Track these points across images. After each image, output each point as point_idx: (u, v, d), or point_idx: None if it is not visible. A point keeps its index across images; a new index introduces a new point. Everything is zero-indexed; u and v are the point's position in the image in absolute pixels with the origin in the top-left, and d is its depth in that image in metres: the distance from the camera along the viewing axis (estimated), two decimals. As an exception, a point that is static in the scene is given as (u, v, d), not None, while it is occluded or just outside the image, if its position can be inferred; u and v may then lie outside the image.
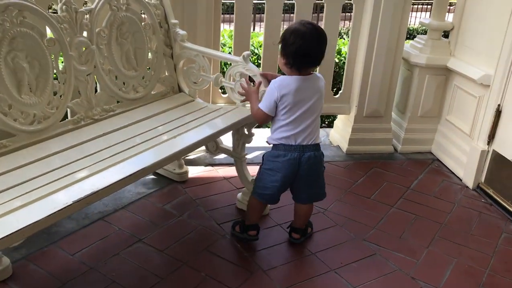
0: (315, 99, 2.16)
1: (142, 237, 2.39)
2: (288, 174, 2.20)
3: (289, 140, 2.16)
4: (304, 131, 2.16)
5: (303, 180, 2.23)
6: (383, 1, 3.07)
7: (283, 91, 2.12)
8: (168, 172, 2.91)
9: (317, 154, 2.21)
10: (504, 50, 2.80)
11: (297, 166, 2.18)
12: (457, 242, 2.54)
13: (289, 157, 2.16)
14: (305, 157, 2.17)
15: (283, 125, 2.17)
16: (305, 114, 2.15)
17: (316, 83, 2.19)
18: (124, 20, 2.40)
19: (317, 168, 2.24)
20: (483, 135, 3.00)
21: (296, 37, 2.06)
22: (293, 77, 2.14)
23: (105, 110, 2.35)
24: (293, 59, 2.10)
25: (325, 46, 2.14)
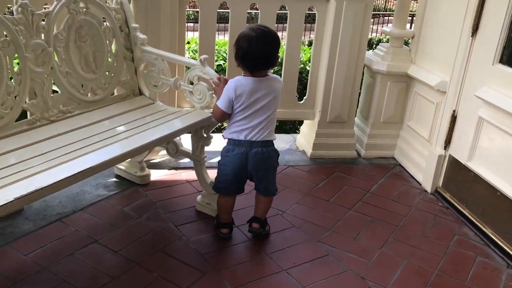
0: (269, 99, 2.27)
1: (98, 238, 2.41)
2: (236, 167, 2.32)
3: (239, 135, 2.29)
4: (254, 128, 2.27)
5: (252, 173, 2.35)
6: (344, 11, 3.14)
7: (238, 91, 2.24)
8: (130, 175, 2.93)
9: (265, 150, 2.30)
10: (458, 57, 2.89)
11: (244, 160, 2.30)
12: (410, 244, 2.60)
13: (237, 151, 2.30)
14: (252, 152, 2.28)
15: (236, 121, 2.29)
16: (258, 112, 2.27)
17: (271, 84, 2.29)
18: (83, 23, 2.43)
19: (265, 163, 2.33)
20: (440, 140, 3.08)
21: (244, 41, 2.19)
22: (249, 78, 2.26)
23: (62, 111, 2.38)
24: (242, 62, 2.20)
25: (274, 48, 2.23)
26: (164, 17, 2.95)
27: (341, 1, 3.13)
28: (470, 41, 2.79)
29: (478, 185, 2.76)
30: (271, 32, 2.24)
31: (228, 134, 2.34)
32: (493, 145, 2.64)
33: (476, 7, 2.72)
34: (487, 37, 2.67)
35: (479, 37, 2.74)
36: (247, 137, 2.28)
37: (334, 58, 3.27)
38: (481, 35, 2.73)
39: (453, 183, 3.00)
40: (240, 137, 2.28)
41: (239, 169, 2.33)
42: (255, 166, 2.31)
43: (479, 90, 2.71)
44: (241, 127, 2.28)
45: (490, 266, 2.47)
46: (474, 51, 2.78)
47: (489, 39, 2.65)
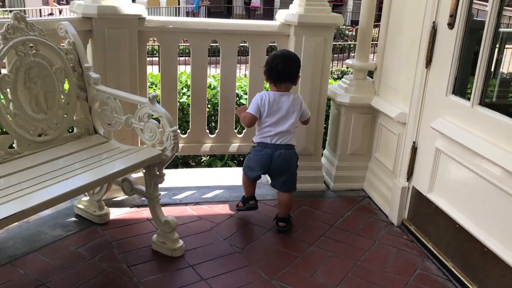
0: (290, 109, 2.85)
1: (46, 281, 2.36)
2: (263, 164, 2.89)
3: (266, 140, 2.86)
4: (277, 134, 2.84)
5: (275, 171, 2.90)
6: (304, 45, 3.18)
7: (263, 99, 2.85)
8: (89, 214, 2.90)
9: (287, 152, 2.87)
10: (415, 88, 2.89)
11: (269, 160, 2.85)
12: (369, 280, 2.53)
13: (264, 152, 2.87)
14: (277, 153, 2.84)
15: (264, 127, 2.86)
16: (281, 120, 2.84)
17: (291, 98, 2.87)
18: (32, 64, 2.45)
19: (286, 162, 2.88)
20: (403, 172, 3.05)
21: (270, 58, 2.86)
22: (271, 92, 2.87)
23: (10, 153, 2.37)
24: (268, 74, 2.86)
25: (292, 64, 2.84)
26: (123, 55, 2.98)
27: (300, 36, 3.16)
28: (425, 73, 2.79)
29: (439, 217, 2.71)
30: (292, 53, 2.90)
31: (258, 139, 2.91)
32: (449, 176, 2.61)
33: (428, 40, 2.73)
34: (440, 68, 2.68)
35: (433, 69, 2.74)
36: (273, 141, 2.84)
37: (296, 92, 3.27)
38: (435, 67, 2.73)
39: (417, 215, 2.95)
40: (267, 140, 2.85)
41: (263, 166, 2.89)
42: (279, 164, 2.85)
43: (434, 121, 2.69)
44: (267, 134, 2.85)
45: (449, 302, 2.41)
46: (429, 83, 2.78)
47: (442, 71, 2.65)
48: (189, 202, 3.24)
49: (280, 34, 3.25)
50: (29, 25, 2.45)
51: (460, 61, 2.56)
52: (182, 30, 3.14)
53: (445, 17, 2.60)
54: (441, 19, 2.66)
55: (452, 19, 2.54)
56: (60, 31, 2.68)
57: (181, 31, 3.14)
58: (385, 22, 3.31)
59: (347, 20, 23.00)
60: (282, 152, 2.84)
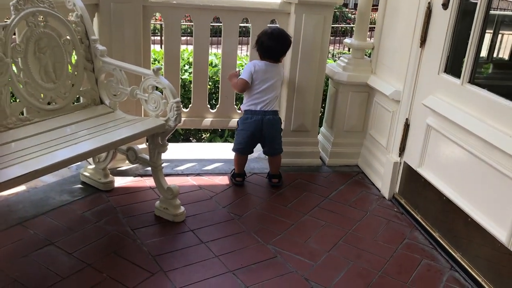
0: (276, 79, 3.13)
1: (55, 240, 2.51)
2: (253, 131, 3.12)
3: (256, 107, 3.10)
4: (265, 101, 3.10)
5: (267, 136, 3.15)
6: (304, 23, 3.27)
7: (256, 67, 3.09)
8: (94, 181, 3.04)
9: (274, 117, 3.16)
10: (409, 67, 3.00)
11: (260, 125, 3.10)
12: (359, 247, 2.68)
13: (254, 118, 3.11)
14: (266, 119, 3.10)
15: (253, 95, 3.10)
16: (268, 89, 3.10)
17: (278, 69, 3.16)
18: (42, 35, 2.55)
19: (275, 127, 3.18)
20: (396, 148, 3.17)
21: (263, 35, 3.10)
22: (262, 61, 3.13)
23: (21, 119, 2.49)
24: (260, 50, 3.12)
25: (283, 43, 3.11)
26: (128, 28, 3.08)
27: (300, 14, 3.26)
28: (419, 52, 2.90)
29: (428, 190, 2.85)
30: (282, 33, 3.13)
31: (246, 106, 3.13)
32: (439, 151, 2.74)
33: (423, 20, 2.83)
34: (433, 48, 2.78)
35: (427, 48, 2.85)
36: (262, 108, 3.09)
37: (295, 69, 3.39)
38: (428, 46, 2.84)
39: (408, 189, 3.09)
40: (256, 108, 3.10)
41: (255, 132, 3.12)
42: (269, 130, 3.13)
43: (426, 99, 2.81)
44: (257, 100, 3.10)
45: (434, 268, 2.55)
46: (423, 62, 2.89)
47: (435, 50, 2.76)
48: (190, 173, 3.38)
49: (281, 12, 3.35)
50: (39, -3, 2.55)
51: (452, 41, 2.67)
52: (186, 6, 3.23)
53: (439, -2, 2.70)
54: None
55: (447, 0, 2.64)
56: (68, 4, 2.78)
57: (184, 6, 3.23)
58: (383, 4, 3.40)
59: (351, 3, 22.89)
60: (270, 117, 3.11)
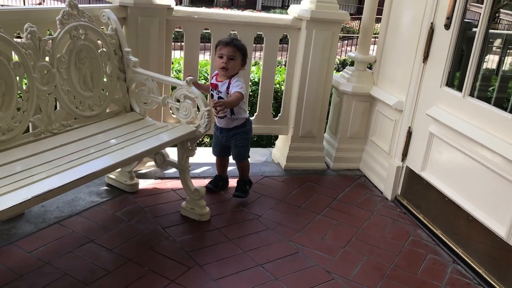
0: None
1: (94, 238, 2.70)
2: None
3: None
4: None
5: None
6: (314, 38, 3.54)
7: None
8: (120, 183, 3.23)
9: None
10: (412, 80, 3.30)
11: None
12: (370, 243, 2.96)
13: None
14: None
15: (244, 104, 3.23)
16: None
17: None
18: (82, 47, 2.75)
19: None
20: (398, 153, 3.47)
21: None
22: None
23: (63, 125, 2.68)
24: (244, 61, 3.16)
25: None
26: (152, 40, 3.29)
27: (311, 29, 3.53)
28: (422, 67, 3.20)
29: (430, 192, 3.15)
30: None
31: (247, 115, 3.27)
32: (441, 157, 3.04)
33: (426, 37, 3.13)
34: (436, 63, 3.09)
35: (429, 64, 3.16)
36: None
37: (305, 80, 3.66)
38: (431, 62, 3.14)
39: (410, 191, 3.39)
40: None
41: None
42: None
43: (429, 109, 3.11)
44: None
45: (439, 262, 2.84)
46: (425, 75, 3.20)
47: (437, 66, 3.07)
48: (206, 176, 3.60)
49: (293, 27, 3.61)
50: (80, 12, 2.75)
51: (454, 57, 2.98)
52: (206, 20, 3.47)
53: (442, 18, 3.01)
54: (438, 20, 3.06)
55: (449, 21, 2.95)
56: (102, 18, 2.98)
57: (205, 21, 3.46)
58: (385, 21, 3.71)
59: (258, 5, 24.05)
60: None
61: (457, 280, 2.68)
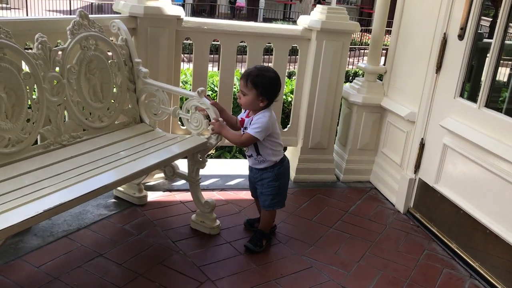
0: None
1: (103, 252, 2.64)
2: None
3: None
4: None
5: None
6: (324, 49, 3.51)
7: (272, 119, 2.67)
8: (128, 196, 3.18)
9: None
10: (424, 91, 3.26)
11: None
12: (385, 257, 2.89)
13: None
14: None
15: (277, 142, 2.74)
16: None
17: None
18: (92, 58, 2.71)
19: None
20: (410, 165, 3.42)
21: (271, 76, 2.65)
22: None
23: (73, 136, 2.63)
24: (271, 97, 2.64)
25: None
26: (162, 51, 3.26)
27: (321, 40, 3.50)
28: (435, 78, 3.16)
29: (444, 205, 3.09)
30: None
31: (279, 158, 2.75)
32: (456, 168, 2.99)
33: (439, 49, 3.10)
34: (449, 74, 3.05)
35: (442, 74, 3.12)
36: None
37: (314, 91, 3.62)
38: (444, 73, 3.10)
39: (423, 204, 3.33)
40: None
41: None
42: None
43: (443, 120, 3.07)
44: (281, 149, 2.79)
45: (455, 277, 2.78)
46: (438, 86, 3.16)
47: (451, 76, 3.03)
48: (215, 188, 3.55)
49: (303, 38, 3.59)
50: (91, 22, 2.71)
51: (468, 68, 2.94)
52: (216, 31, 3.43)
53: (455, 29, 2.98)
54: (451, 31, 3.03)
55: (462, 32, 2.92)
56: (112, 28, 2.95)
57: (214, 31, 3.43)
58: (396, 31, 3.68)
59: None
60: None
61: (475, 296, 2.62)
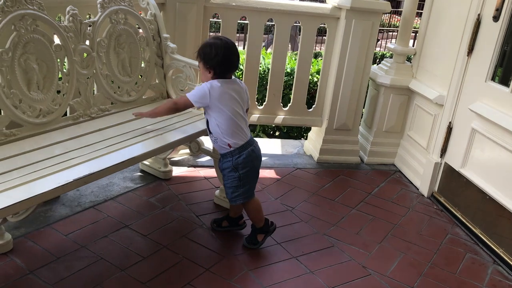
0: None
1: (128, 223, 2.70)
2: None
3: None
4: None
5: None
6: (353, 28, 3.46)
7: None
8: (154, 170, 3.22)
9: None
10: (454, 74, 3.19)
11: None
12: (407, 240, 2.88)
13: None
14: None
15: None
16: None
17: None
18: (121, 32, 2.74)
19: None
20: (437, 149, 3.37)
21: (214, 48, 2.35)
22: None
23: (101, 109, 2.67)
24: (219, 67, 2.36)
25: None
26: (190, 27, 3.26)
27: (350, 19, 3.45)
28: (466, 60, 3.09)
29: (469, 190, 3.05)
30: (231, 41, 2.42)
31: (236, 143, 2.46)
32: (483, 154, 2.94)
33: (472, 30, 3.02)
34: (481, 57, 2.98)
35: (474, 57, 3.05)
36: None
37: (342, 71, 3.58)
38: (476, 55, 3.03)
39: (448, 188, 3.29)
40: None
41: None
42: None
43: (472, 104, 3.01)
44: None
45: (478, 261, 2.76)
46: (469, 69, 3.09)
47: (483, 59, 2.95)
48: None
49: (331, 16, 3.54)
50: (120, -5, 2.73)
51: (501, 51, 2.86)
52: (244, 8, 3.41)
53: (490, 10, 2.89)
54: (486, 12, 2.95)
55: (498, 13, 2.83)
56: (142, 3, 2.96)
57: (242, 8, 3.41)
58: (427, 12, 3.60)
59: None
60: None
61: (498, 282, 2.59)
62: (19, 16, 2.20)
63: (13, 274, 2.21)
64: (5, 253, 2.33)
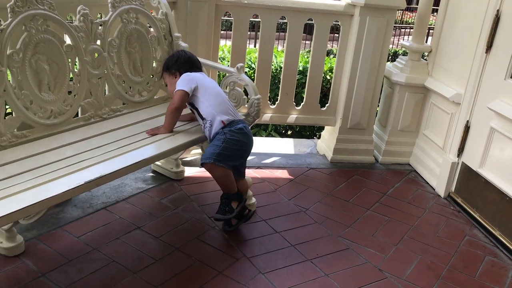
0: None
1: (140, 225, 2.67)
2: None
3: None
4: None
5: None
6: (367, 25, 3.39)
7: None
8: (166, 171, 3.19)
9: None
10: (472, 72, 3.11)
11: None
12: (424, 242, 2.82)
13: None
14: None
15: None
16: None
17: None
18: (133, 31, 2.71)
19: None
20: (454, 149, 3.30)
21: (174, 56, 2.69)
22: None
23: (113, 110, 2.65)
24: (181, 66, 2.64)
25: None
26: (201, 26, 3.22)
27: (365, 16, 3.38)
28: (484, 57, 3.01)
29: (488, 190, 2.97)
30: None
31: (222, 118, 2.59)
32: (503, 153, 2.86)
33: (491, 27, 2.94)
34: (500, 54, 2.89)
35: (493, 54, 2.96)
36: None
37: (356, 69, 3.51)
38: (495, 52, 2.95)
39: (465, 188, 3.21)
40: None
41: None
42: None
43: (491, 102, 2.93)
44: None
45: (498, 264, 2.68)
46: (487, 67, 3.01)
47: (502, 56, 2.87)
48: (251, 166, 3.52)
49: (345, 13, 3.47)
50: (131, -5, 2.70)
51: (521, 48, 2.78)
52: (255, 6, 3.36)
53: (510, 5, 2.81)
54: (505, 7, 2.86)
55: (518, 9, 2.75)
56: (153, 2, 2.92)
57: (254, 6, 3.36)
58: (444, 8, 3.52)
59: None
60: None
61: (519, 285, 2.53)
62: (29, 16, 2.18)
63: (25, 276, 2.19)
64: (17, 255, 2.31)
